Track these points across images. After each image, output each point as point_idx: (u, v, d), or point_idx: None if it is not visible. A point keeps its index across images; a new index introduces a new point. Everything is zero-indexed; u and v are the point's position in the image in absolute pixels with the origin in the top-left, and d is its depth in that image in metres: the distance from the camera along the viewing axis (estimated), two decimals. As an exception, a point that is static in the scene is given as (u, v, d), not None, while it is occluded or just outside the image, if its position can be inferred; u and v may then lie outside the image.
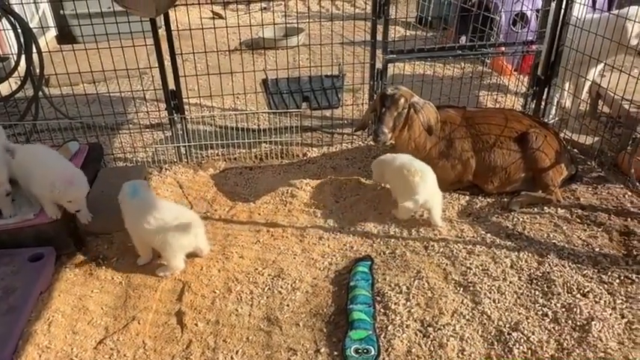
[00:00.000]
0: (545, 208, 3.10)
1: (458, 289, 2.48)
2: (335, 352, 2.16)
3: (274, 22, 6.09)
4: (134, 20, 3.38)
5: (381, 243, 2.86)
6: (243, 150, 3.90)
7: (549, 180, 3.13)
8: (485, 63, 5.38)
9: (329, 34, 4.13)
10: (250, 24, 4.06)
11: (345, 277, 2.58)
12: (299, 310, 2.41)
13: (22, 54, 3.81)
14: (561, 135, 3.60)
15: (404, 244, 2.84)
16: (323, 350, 2.18)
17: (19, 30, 3.74)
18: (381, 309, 2.38)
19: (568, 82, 4.08)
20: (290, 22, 6.26)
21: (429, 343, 2.18)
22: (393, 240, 2.87)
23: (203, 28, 3.60)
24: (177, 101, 3.57)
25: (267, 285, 2.57)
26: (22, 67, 3.86)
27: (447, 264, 2.66)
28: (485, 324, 2.27)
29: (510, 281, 2.52)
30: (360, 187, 3.41)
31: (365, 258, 2.71)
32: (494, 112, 3.47)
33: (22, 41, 3.76)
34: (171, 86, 3.52)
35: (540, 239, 2.82)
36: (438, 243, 2.82)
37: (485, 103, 4.57)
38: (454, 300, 2.41)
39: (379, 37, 3.71)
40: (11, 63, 4.28)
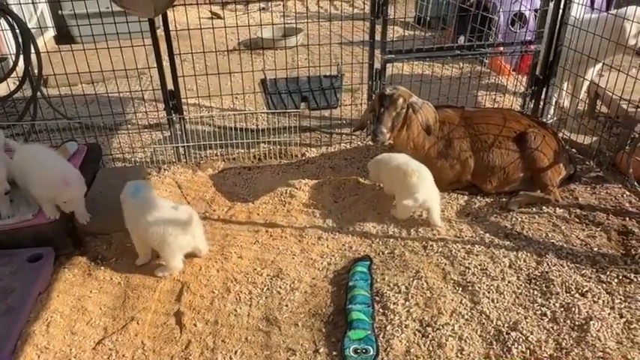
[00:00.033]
0: (544, 207, 3.10)
1: (457, 288, 2.49)
2: (334, 352, 2.16)
3: (273, 23, 6.10)
4: (132, 20, 3.38)
5: (380, 243, 2.86)
6: (241, 150, 3.90)
7: (548, 180, 3.13)
8: (484, 63, 5.38)
9: (327, 34, 4.14)
10: (249, 24, 4.07)
11: (344, 277, 2.58)
12: (298, 310, 2.41)
13: (21, 54, 3.81)
14: (560, 135, 3.61)
15: (403, 243, 2.84)
16: (322, 350, 2.18)
17: (17, 30, 3.74)
18: (380, 309, 2.38)
19: (566, 82, 4.09)
20: (288, 23, 6.26)
21: (427, 342, 2.19)
22: (391, 240, 2.87)
23: (202, 28, 3.60)
24: (175, 101, 3.56)
25: (265, 285, 2.57)
26: (21, 68, 3.86)
27: (445, 264, 2.66)
28: (484, 324, 2.27)
29: (509, 281, 2.52)
30: (359, 187, 3.41)
31: (364, 258, 2.71)
32: (492, 112, 3.47)
33: (21, 41, 3.77)
34: (170, 86, 3.51)
35: (539, 239, 2.83)
36: (436, 243, 2.83)
37: (484, 103, 4.57)
38: (453, 300, 2.41)
39: (378, 37, 3.71)
40: (9, 63, 4.29)
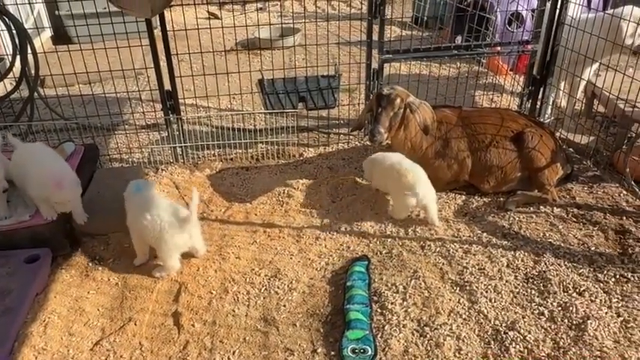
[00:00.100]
0: (541, 207, 3.11)
1: (454, 288, 2.49)
2: (332, 352, 2.16)
3: (270, 23, 6.10)
4: (130, 21, 3.38)
5: (378, 243, 2.86)
6: (239, 150, 3.90)
7: (545, 179, 3.14)
8: (481, 63, 5.39)
9: (325, 34, 4.14)
10: (246, 24, 4.08)
11: (342, 277, 2.58)
12: (296, 311, 2.41)
13: (17, 55, 3.80)
14: (557, 134, 3.61)
15: (400, 243, 2.84)
16: (320, 350, 2.18)
17: (13, 31, 3.73)
18: (378, 309, 2.38)
19: (563, 82, 4.10)
20: (286, 23, 6.25)
21: (425, 342, 2.19)
22: (389, 240, 2.88)
23: (199, 28, 3.59)
24: (173, 102, 3.56)
25: (263, 285, 2.57)
26: (17, 68, 3.85)
27: (443, 263, 2.66)
28: (482, 323, 2.28)
29: (507, 280, 2.52)
30: (357, 187, 3.41)
31: (361, 258, 2.71)
32: (490, 112, 3.48)
33: (17, 42, 3.75)
34: (167, 87, 3.51)
35: (536, 238, 2.83)
36: (434, 242, 2.83)
37: (481, 102, 4.58)
38: (451, 299, 2.41)
39: (375, 37, 3.71)
40: (6, 64, 4.27)
